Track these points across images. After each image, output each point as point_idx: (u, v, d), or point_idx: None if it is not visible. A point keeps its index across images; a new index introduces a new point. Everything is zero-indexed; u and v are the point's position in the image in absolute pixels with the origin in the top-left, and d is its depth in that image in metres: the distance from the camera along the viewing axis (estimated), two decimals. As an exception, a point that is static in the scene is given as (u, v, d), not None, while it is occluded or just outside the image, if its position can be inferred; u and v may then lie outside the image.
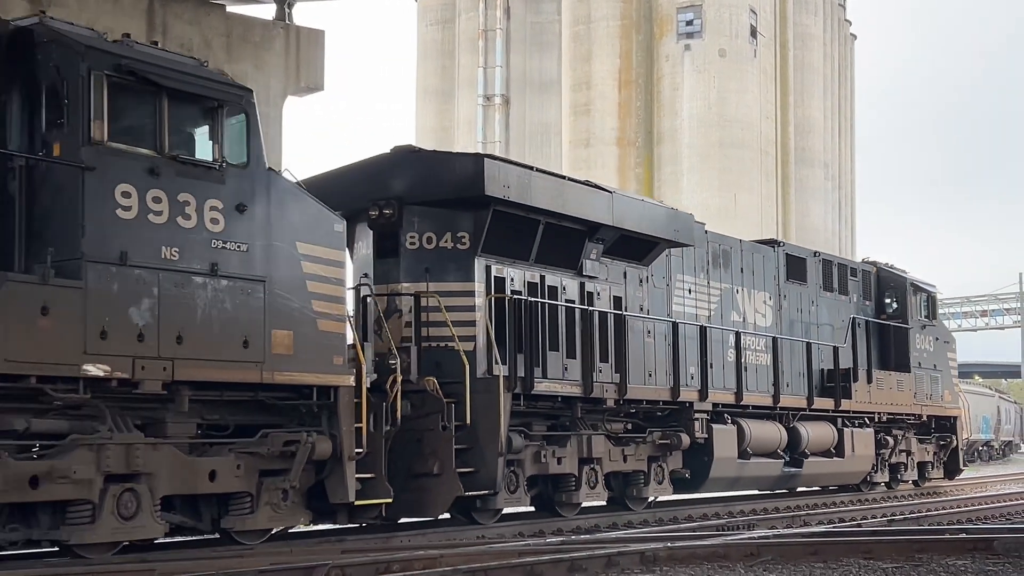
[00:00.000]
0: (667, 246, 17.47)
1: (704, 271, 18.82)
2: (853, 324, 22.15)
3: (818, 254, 22.52)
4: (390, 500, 12.74)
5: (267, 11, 25.80)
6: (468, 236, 14.58)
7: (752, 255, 20.10)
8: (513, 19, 53.83)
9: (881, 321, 23.56)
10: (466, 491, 13.70)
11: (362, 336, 12.76)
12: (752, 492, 21.06)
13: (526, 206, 14.84)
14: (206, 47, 22.94)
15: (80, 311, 9.81)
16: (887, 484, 23.48)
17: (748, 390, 18.90)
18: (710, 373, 17.95)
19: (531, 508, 16.11)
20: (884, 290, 23.87)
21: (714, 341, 18.33)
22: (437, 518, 14.55)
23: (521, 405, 14.68)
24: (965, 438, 30.17)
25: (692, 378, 17.75)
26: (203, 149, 11.04)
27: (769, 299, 20.36)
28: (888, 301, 23.80)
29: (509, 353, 14.41)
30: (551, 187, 15.30)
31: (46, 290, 9.60)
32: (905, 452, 23.86)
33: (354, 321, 12.85)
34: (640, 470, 16.89)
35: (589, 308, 15.91)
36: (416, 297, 14.26)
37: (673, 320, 17.54)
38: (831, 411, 21.03)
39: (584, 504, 16.26)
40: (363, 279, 14.18)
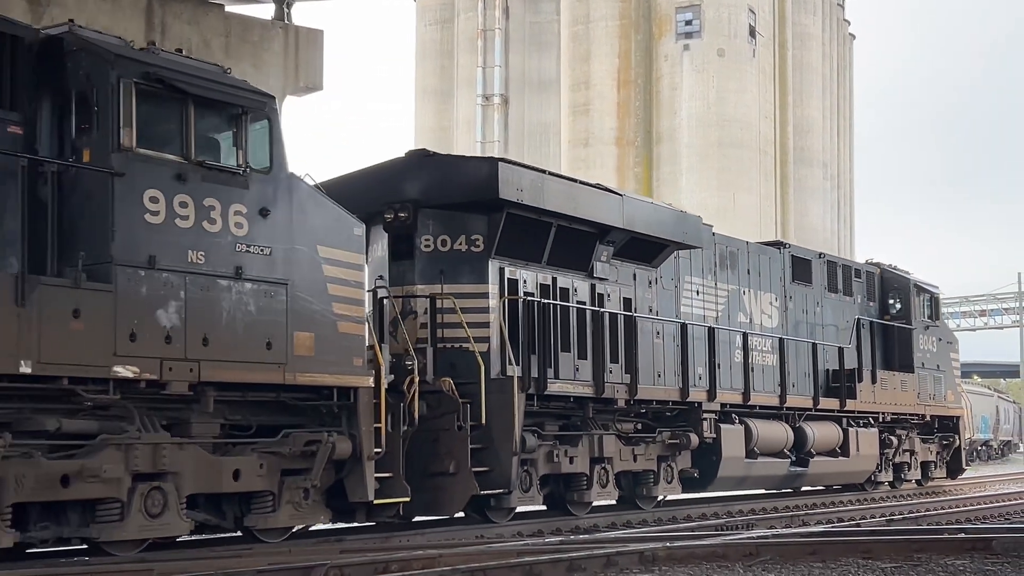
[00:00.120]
0: (676, 248, 17.66)
1: (712, 273, 19.00)
2: (858, 325, 22.33)
3: (823, 255, 22.67)
4: (408, 499, 12.93)
5: (266, 11, 25.88)
6: (482, 239, 14.74)
7: (758, 257, 20.28)
8: (512, 19, 53.91)
9: (885, 322, 23.73)
10: (481, 490, 13.89)
11: (379, 337, 12.95)
12: (753, 492, 21.23)
13: (539, 209, 15.01)
14: (205, 47, 22.93)
15: (110, 314, 9.99)
16: (891, 483, 23.70)
17: (755, 390, 19.09)
18: (718, 374, 18.14)
19: (543, 507, 16.30)
20: (888, 291, 24.03)
21: (722, 342, 18.52)
22: (453, 516, 14.73)
23: (534, 405, 14.87)
24: (967, 438, 30.35)
25: (700, 378, 17.93)
26: (227, 155, 11.24)
27: (775, 300, 20.54)
28: (892, 302, 23.96)
29: (522, 354, 14.59)
30: (563, 190, 15.47)
31: (78, 293, 9.77)
32: (909, 452, 24.05)
33: (371, 323, 13.04)
34: (650, 469, 17.08)
35: (600, 310, 16.08)
36: (431, 299, 14.43)
37: (682, 321, 17.72)
38: (836, 411, 21.21)
39: (595, 503, 16.44)
40: (379, 281, 14.37)
